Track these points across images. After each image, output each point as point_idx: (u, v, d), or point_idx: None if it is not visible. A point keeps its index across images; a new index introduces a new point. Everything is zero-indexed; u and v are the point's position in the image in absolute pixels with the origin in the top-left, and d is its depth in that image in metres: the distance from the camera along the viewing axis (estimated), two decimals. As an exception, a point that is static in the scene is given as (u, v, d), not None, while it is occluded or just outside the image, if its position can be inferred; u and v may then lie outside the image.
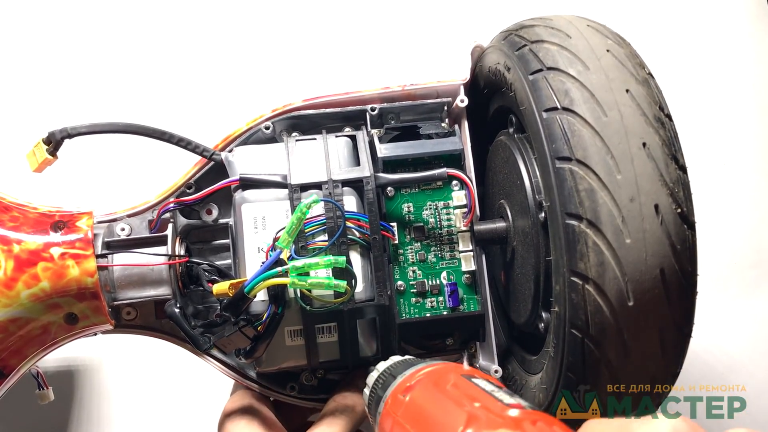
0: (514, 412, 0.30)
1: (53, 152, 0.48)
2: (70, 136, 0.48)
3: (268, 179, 0.48)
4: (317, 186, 0.48)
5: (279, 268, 0.42)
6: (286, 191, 0.48)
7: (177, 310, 0.46)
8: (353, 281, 0.45)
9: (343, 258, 0.43)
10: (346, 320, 0.47)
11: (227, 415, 0.48)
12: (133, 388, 0.71)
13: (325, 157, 0.49)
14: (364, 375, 0.42)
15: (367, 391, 0.41)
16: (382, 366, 0.41)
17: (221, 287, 0.44)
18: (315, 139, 0.51)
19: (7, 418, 0.68)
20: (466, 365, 0.39)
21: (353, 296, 0.46)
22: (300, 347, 0.48)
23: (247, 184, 0.49)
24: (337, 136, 0.51)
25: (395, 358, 0.42)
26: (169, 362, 0.70)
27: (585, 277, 0.39)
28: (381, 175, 0.49)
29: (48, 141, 0.48)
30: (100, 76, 0.78)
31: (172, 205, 0.51)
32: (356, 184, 0.48)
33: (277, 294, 0.44)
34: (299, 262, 0.42)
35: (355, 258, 0.47)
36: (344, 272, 0.45)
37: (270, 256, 0.43)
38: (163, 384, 0.70)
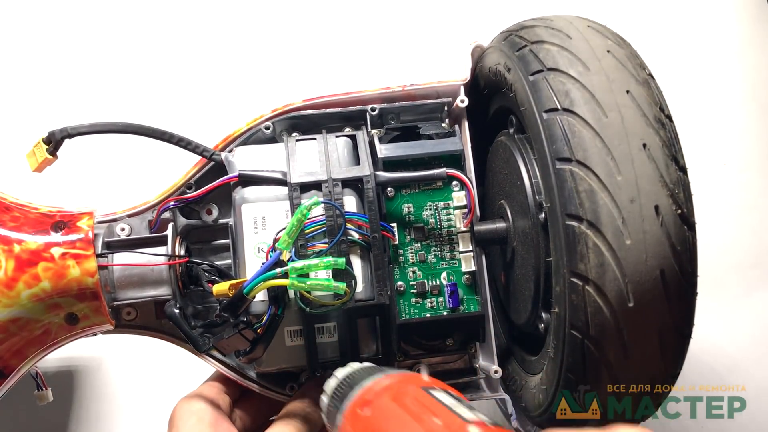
0: (474, 429, 0.29)
1: (53, 152, 0.48)
2: (70, 135, 0.48)
3: (267, 176, 0.48)
4: (317, 185, 0.48)
5: (278, 270, 0.42)
6: (286, 191, 0.48)
7: (177, 311, 0.46)
8: (353, 282, 0.45)
9: (343, 259, 0.43)
10: (346, 320, 0.47)
11: (185, 398, 0.47)
12: (133, 388, 0.71)
13: (324, 157, 0.49)
14: (321, 382, 0.41)
15: (325, 399, 0.39)
16: (340, 373, 0.40)
17: (221, 288, 0.44)
18: (315, 138, 0.51)
19: (8, 418, 0.68)
20: (425, 376, 0.38)
21: (353, 296, 0.46)
22: (300, 347, 0.48)
23: (247, 180, 0.49)
24: (337, 136, 0.51)
25: (354, 365, 0.41)
26: (169, 362, 0.70)
27: (585, 278, 0.39)
28: (380, 173, 0.49)
29: (48, 141, 0.48)
30: (100, 77, 0.78)
31: (172, 203, 0.51)
32: (356, 184, 0.48)
33: (276, 295, 0.44)
34: (299, 264, 0.42)
35: (355, 259, 0.47)
36: (344, 273, 0.45)
37: (270, 257, 0.43)
38: (163, 384, 0.70)
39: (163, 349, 0.56)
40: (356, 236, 0.47)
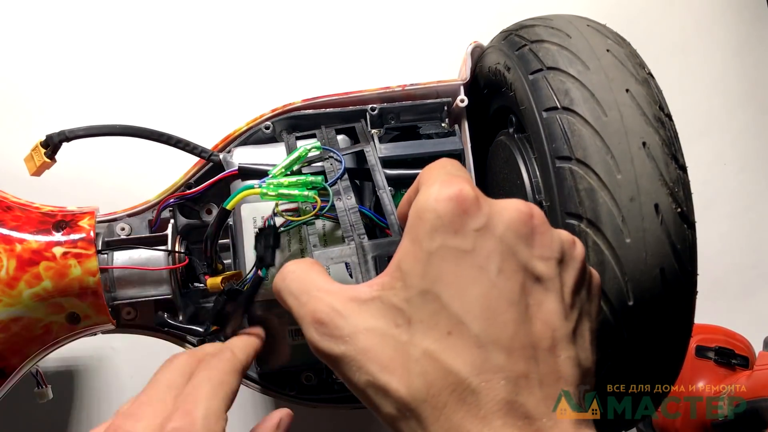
0: None
1: (51, 155, 0.48)
2: (68, 139, 0.48)
3: (266, 169, 0.48)
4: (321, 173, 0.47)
5: (256, 182, 0.42)
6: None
7: (164, 315, 0.46)
8: (327, 196, 0.42)
9: (321, 178, 0.42)
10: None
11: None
12: (133, 388, 0.71)
13: (324, 143, 0.49)
14: None
15: None
16: None
17: (214, 281, 0.44)
18: (314, 136, 0.51)
19: (7, 418, 0.68)
20: None
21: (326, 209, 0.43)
22: (301, 346, 0.48)
23: (246, 174, 0.49)
24: (336, 130, 0.51)
25: None
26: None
27: (585, 277, 0.39)
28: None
29: (46, 144, 0.48)
30: (100, 77, 0.78)
31: (172, 200, 0.51)
32: (355, 181, 0.48)
33: (263, 257, 0.42)
34: (275, 180, 0.42)
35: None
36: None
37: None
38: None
39: (163, 349, 0.56)
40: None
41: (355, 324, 0.28)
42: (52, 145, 0.48)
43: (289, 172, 0.43)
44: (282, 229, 0.42)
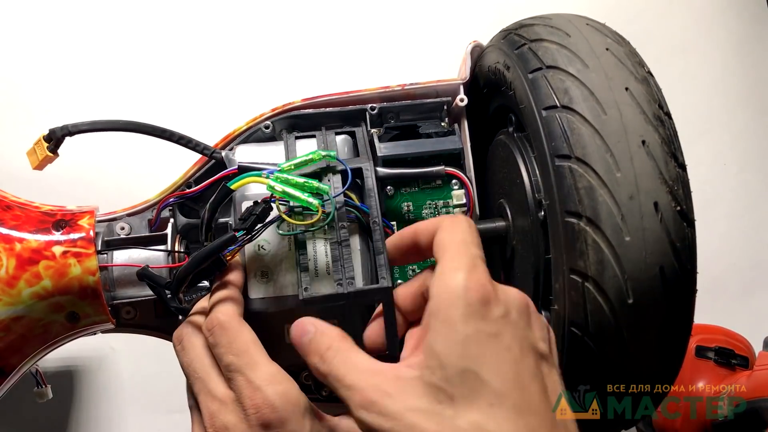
0: None
1: (54, 150, 0.48)
2: (71, 133, 0.48)
3: (267, 168, 0.48)
4: (317, 176, 0.47)
5: (264, 171, 0.42)
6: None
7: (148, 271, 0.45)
8: (331, 205, 0.42)
9: (328, 186, 0.42)
10: (349, 311, 0.45)
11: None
12: (133, 387, 0.71)
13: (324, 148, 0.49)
14: None
15: None
16: None
17: None
18: (314, 136, 0.51)
19: (8, 418, 0.68)
20: None
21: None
22: None
23: (245, 172, 0.49)
24: (336, 133, 0.51)
25: None
26: (168, 362, 0.70)
27: (584, 275, 0.39)
28: (378, 169, 0.49)
29: (48, 138, 0.48)
30: (101, 75, 0.78)
31: (172, 199, 0.51)
32: (355, 180, 0.48)
33: (245, 220, 0.42)
34: (284, 175, 0.42)
35: (355, 248, 0.45)
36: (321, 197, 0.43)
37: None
38: (163, 384, 0.70)
39: (164, 349, 0.56)
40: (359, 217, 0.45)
41: (402, 403, 0.31)
42: (54, 139, 0.48)
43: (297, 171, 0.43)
44: (282, 232, 0.43)
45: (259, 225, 0.42)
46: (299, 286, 0.42)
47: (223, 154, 0.50)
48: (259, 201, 0.42)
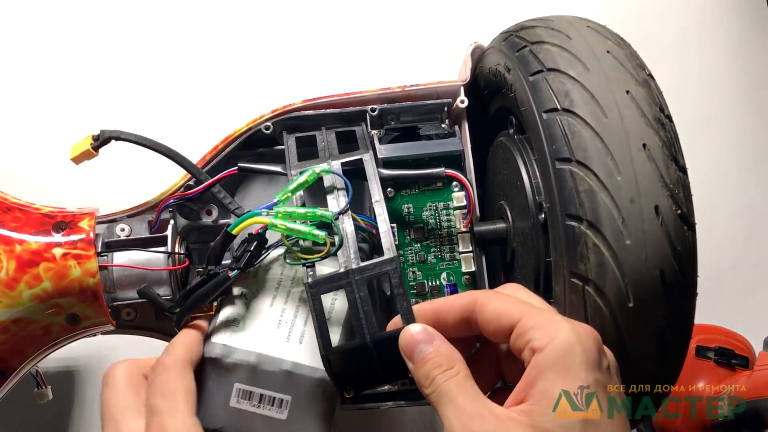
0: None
1: (96, 148, 0.49)
2: (119, 138, 0.48)
3: (266, 168, 0.48)
4: (321, 192, 0.47)
5: (264, 209, 0.41)
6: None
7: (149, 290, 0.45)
8: (336, 238, 0.41)
9: (331, 213, 0.41)
10: (356, 289, 0.40)
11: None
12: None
13: (325, 152, 0.48)
14: None
15: None
16: None
17: None
18: (314, 137, 0.51)
19: (8, 418, 0.68)
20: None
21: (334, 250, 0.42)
22: None
23: (246, 172, 0.49)
24: (336, 132, 0.51)
25: None
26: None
27: (585, 278, 0.39)
28: (378, 169, 0.49)
29: (97, 137, 0.49)
30: (101, 76, 0.78)
31: (172, 201, 0.51)
32: (355, 166, 0.47)
33: (239, 258, 0.42)
34: (283, 208, 0.41)
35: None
36: (328, 228, 0.42)
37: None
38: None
39: (163, 350, 0.56)
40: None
41: None
42: (102, 139, 0.49)
43: (297, 199, 0.43)
44: (291, 261, 0.43)
45: (254, 261, 0.42)
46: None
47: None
48: (253, 233, 0.42)
